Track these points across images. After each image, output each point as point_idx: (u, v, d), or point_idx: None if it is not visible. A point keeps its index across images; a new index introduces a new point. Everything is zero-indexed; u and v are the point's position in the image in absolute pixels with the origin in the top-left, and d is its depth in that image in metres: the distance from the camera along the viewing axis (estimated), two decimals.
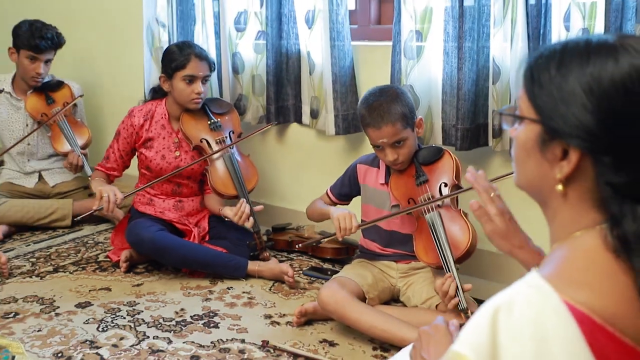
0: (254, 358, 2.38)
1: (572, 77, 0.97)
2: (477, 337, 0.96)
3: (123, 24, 4.15)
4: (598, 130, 0.95)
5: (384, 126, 2.48)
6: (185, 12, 3.56)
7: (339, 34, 3.11)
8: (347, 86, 3.17)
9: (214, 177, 3.20)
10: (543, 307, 0.93)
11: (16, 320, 2.71)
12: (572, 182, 1.01)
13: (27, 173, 3.97)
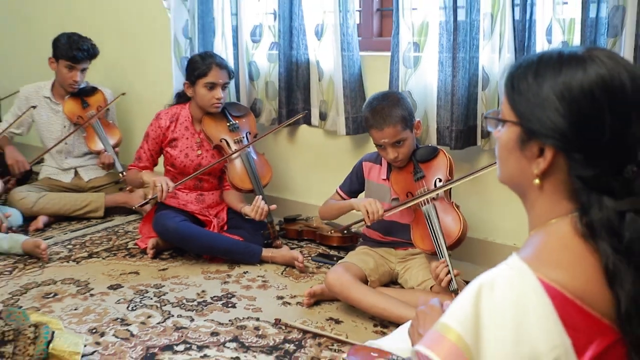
0: (268, 334, 2.40)
1: (546, 85, 1.01)
2: (462, 311, 0.99)
3: (150, 36, 4.16)
4: (569, 131, 0.98)
5: (386, 128, 2.51)
6: (206, 26, 3.58)
7: (349, 45, 3.13)
8: (356, 91, 3.19)
9: (232, 173, 3.22)
10: (521, 284, 0.96)
11: (55, 300, 2.74)
12: (547, 176, 1.04)
13: (65, 169, 3.99)
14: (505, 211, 2.86)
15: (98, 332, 2.44)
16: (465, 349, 0.96)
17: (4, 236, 3.28)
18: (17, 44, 5.19)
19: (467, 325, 0.97)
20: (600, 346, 0.94)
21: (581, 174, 0.99)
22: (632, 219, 0.96)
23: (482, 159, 2.93)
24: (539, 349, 0.92)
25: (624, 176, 0.98)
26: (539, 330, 0.93)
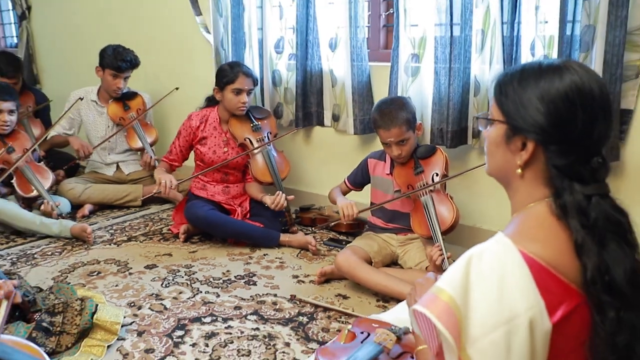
0: (284, 308, 2.42)
1: (529, 90, 1.06)
2: (454, 276, 1.03)
3: (183, 47, 4.18)
4: (548, 127, 1.04)
5: (392, 128, 2.52)
6: (237, 39, 3.59)
7: (358, 56, 3.15)
8: (363, 96, 3.19)
9: (254, 168, 3.24)
10: (505, 255, 1.00)
11: (99, 277, 2.77)
12: (528, 166, 1.09)
13: (108, 164, 4.01)
14: (490, 202, 2.88)
15: (136, 306, 2.47)
16: (455, 308, 0.99)
17: (54, 222, 3.32)
18: (68, 53, 5.23)
19: (457, 288, 1.01)
20: (569, 307, 0.98)
21: (556, 163, 1.04)
22: (596, 201, 1.02)
23: (472, 155, 2.93)
24: (517, 308, 0.96)
25: (591, 166, 1.03)
26: (518, 293, 0.97)
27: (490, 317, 0.97)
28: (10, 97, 3.41)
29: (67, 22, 5.16)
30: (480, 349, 0.97)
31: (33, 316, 2.13)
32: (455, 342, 0.98)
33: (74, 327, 2.10)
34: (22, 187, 3.42)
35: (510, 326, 0.96)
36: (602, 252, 1.00)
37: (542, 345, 0.98)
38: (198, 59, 4.06)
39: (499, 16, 2.61)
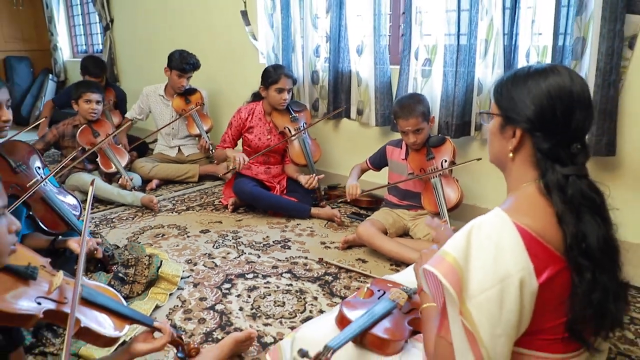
0: (313, 269, 2.40)
1: (519, 88, 1.07)
2: (458, 242, 1.03)
3: (234, 52, 4.16)
4: (534, 118, 1.05)
5: (410, 118, 2.48)
6: (286, 45, 3.56)
7: (380, 60, 3.09)
8: (384, 94, 3.14)
9: (291, 152, 3.23)
10: (501, 225, 1.01)
11: (163, 239, 2.79)
12: (518, 151, 1.10)
13: (171, 147, 4.03)
14: (488, 185, 2.83)
15: (192, 262, 2.48)
16: (458, 268, 1.00)
17: (128, 193, 3.35)
18: (142, 57, 5.27)
19: (460, 251, 1.01)
20: (553, 270, 0.99)
21: (540, 147, 1.05)
22: (573, 180, 1.03)
23: (473, 145, 2.86)
24: (510, 270, 0.97)
25: (571, 151, 1.04)
26: (511, 257, 0.97)
27: (487, 277, 0.97)
28: (98, 90, 3.44)
29: (142, 32, 5.19)
30: (477, 303, 0.97)
31: (111, 268, 2.16)
32: (458, 296, 0.98)
33: (143, 277, 2.12)
34: (104, 164, 3.45)
35: (503, 284, 0.96)
36: (578, 223, 1.01)
37: (530, 301, 0.98)
38: (246, 62, 4.04)
39: (500, 28, 2.53)
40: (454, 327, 1.01)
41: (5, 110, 1.82)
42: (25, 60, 6.75)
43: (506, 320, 0.97)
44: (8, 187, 1.94)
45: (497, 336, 0.97)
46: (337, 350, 1.23)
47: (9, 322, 1.08)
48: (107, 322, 1.33)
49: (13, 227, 1.07)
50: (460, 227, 1.04)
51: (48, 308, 1.16)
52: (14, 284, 1.15)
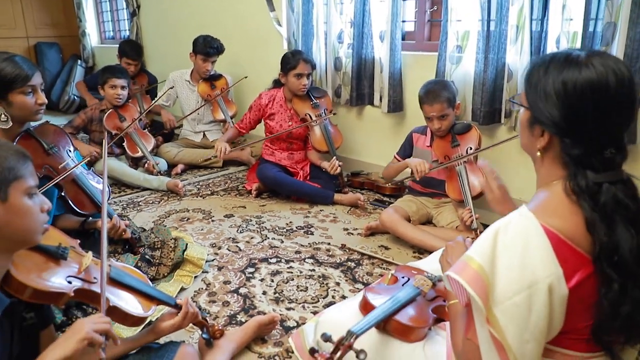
0: (336, 255, 2.40)
1: (550, 81, 0.97)
2: (483, 247, 0.99)
3: (259, 38, 4.14)
4: (562, 123, 0.96)
5: (435, 104, 2.43)
6: (307, 31, 3.52)
7: (395, 47, 3.05)
8: (397, 81, 3.11)
9: (313, 138, 3.21)
10: (528, 228, 0.96)
11: (188, 222, 2.81)
12: (546, 151, 1.03)
13: (196, 132, 4.05)
14: (515, 173, 2.75)
15: (216, 246, 2.50)
16: (483, 274, 0.96)
17: (154, 178, 3.38)
18: (168, 43, 5.29)
19: (486, 257, 0.97)
20: (583, 274, 0.94)
21: (570, 153, 0.97)
22: (607, 188, 0.95)
23: (502, 132, 2.79)
24: (538, 275, 0.92)
25: (604, 156, 0.95)
26: (539, 262, 0.92)
27: (514, 283, 0.94)
28: (122, 75, 3.47)
29: (168, 18, 5.21)
30: (504, 310, 0.94)
31: (139, 250, 2.19)
32: (483, 304, 0.95)
33: (169, 260, 2.14)
34: (131, 148, 3.49)
35: (531, 290, 0.92)
36: (610, 233, 0.93)
37: (560, 307, 0.94)
38: (270, 48, 4.01)
39: (529, 13, 2.47)
40: (481, 334, 0.98)
41: (40, 94, 1.87)
42: (54, 46, 6.84)
43: (534, 326, 0.93)
44: (41, 168, 1.98)
45: (525, 342, 0.94)
46: (360, 335, 1.22)
47: (41, 299, 1.10)
48: (135, 302, 1.35)
49: (45, 207, 1.09)
50: (483, 215, 1.02)
51: (78, 287, 1.18)
52: (46, 263, 1.17)
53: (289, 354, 1.68)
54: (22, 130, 1.95)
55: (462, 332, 1.08)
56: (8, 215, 1.02)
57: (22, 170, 1.04)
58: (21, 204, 1.04)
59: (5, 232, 1.02)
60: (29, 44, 6.81)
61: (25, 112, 1.85)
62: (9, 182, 1.01)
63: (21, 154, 1.06)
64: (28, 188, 1.05)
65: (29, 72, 1.81)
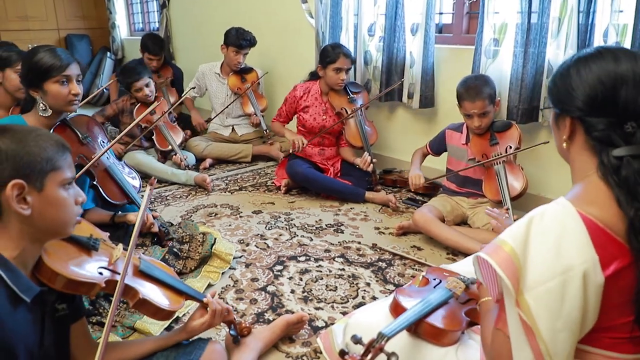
0: (366, 254, 2.41)
1: (564, 80, 1.03)
2: (517, 231, 1.00)
3: (293, 29, 4.16)
4: (581, 105, 1.01)
5: (477, 100, 2.41)
6: (335, 23, 3.52)
7: (429, 40, 3.04)
8: (429, 76, 3.09)
9: (347, 133, 3.22)
10: (564, 215, 0.97)
11: (215, 218, 2.85)
12: (572, 140, 1.06)
13: (225, 126, 4.10)
14: (554, 174, 2.73)
15: (244, 243, 2.53)
16: (515, 258, 0.97)
17: (182, 172, 3.45)
18: (198, 35, 5.37)
19: (519, 241, 0.98)
20: (621, 263, 0.94)
21: (591, 133, 1.01)
22: (627, 161, 0.97)
23: (541, 131, 2.75)
24: (573, 261, 0.93)
25: (624, 130, 0.98)
26: (574, 248, 0.93)
27: (547, 268, 0.94)
28: (141, 74, 3.47)
29: (197, 10, 5.29)
30: (536, 295, 0.94)
31: (167, 243, 2.24)
32: (514, 287, 0.96)
33: (196, 254, 2.19)
34: (160, 142, 3.57)
35: (565, 277, 0.93)
36: (636, 205, 0.95)
37: (595, 296, 0.94)
38: (302, 40, 4.03)
39: (575, 4, 2.41)
40: (511, 319, 0.99)
41: (75, 85, 1.94)
42: (85, 38, 7.03)
43: (568, 314, 0.93)
44: (75, 156, 2.06)
45: (557, 331, 0.94)
46: (391, 338, 1.23)
47: (73, 289, 1.15)
48: (163, 296, 1.38)
49: (79, 199, 1.13)
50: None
51: (109, 278, 1.22)
52: (78, 254, 1.22)
53: (317, 354, 1.70)
54: (59, 120, 2.03)
55: (491, 326, 1.09)
56: (43, 205, 1.05)
57: (60, 162, 1.08)
58: (56, 195, 1.07)
59: (39, 222, 1.06)
60: (60, 36, 7.02)
61: (59, 101, 1.92)
62: (46, 172, 1.05)
63: (61, 145, 1.10)
64: (64, 179, 1.09)
65: (65, 62, 1.89)
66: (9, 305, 1.02)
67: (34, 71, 1.88)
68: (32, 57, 1.89)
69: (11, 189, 1.01)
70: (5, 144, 1.02)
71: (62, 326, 1.21)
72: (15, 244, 1.05)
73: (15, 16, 6.68)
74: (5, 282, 1.02)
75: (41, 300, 1.11)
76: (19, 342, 1.05)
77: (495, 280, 1.02)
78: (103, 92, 6.23)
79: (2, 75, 2.58)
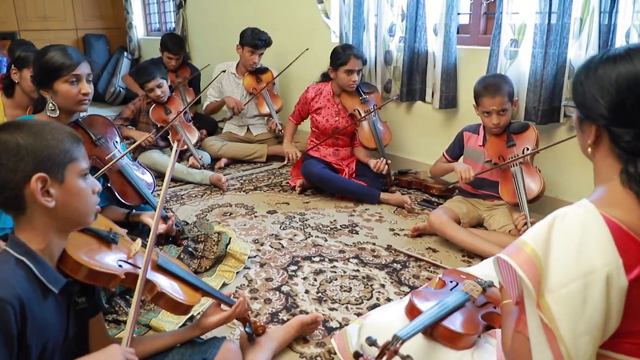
0: (381, 255, 2.40)
1: (590, 80, 1.00)
2: (538, 232, 0.98)
3: (306, 30, 4.17)
4: (607, 114, 0.97)
5: (497, 96, 2.38)
6: (357, 23, 3.51)
7: (450, 40, 3.02)
8: (450, 76, 3.08)
9: (361, 134, 3.21)
10: (586, 217, 0.95)
11: (230, 217, 2.86)
12: (597, 145, 1.03)
13: (240, 126, 4.11)
14: (573, 176, 2.68)
15: (259, 242, 2.54)
16: (537, 259, 0.95)
17: (197, 171, 3.47)
18: (214, 35, 5.40)
19: (540, 242, 0.96)
20: None
21: (617, 142, 0.98)
22: None
23: (560, 132, 2.71)
24: (595, 264, 0.91)
25: None
26: (597, 251, 0.92)
27: (569, 270, 0.92)
28: (154, 75, 3.50)
29: (214, 10, 5.32)
30: (557, 298, 0.93)
31: (182, 242, 2.25)
32: (535, 289, 0.94)
33: (211, 253, 2.20)
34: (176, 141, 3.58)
35: (587, 279, 0.91)
36: None
37: (618, 299, 0.92)
38: (318, 41, 4.03)
39: (597, 5, 2.38)
40: (531, 321, 0.97)
41: (85, 84, 1.92)
42: (102, 38, 7.11)
43: (589, 318, 0.92)
44: (89, 158, 2.05)
45: (579, 334, 0.93)
46: (406, 340, 1.23)
47: (94, 280, 1.17)
48: (181, 290, 1.40)
49: (96, 189, 1.16)
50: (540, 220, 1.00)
51: (129, 270, 1.24)
52: (99, 246, 1.24)
53: (331, 355, 1.70)
54: (71, 121, 2.03)
55: (512, 328, 1.07)
56: (65, 196, 1.08)
57: (76, 153, 1.11)
58: (76, 185, 1.10)
59: (62, 213, 1.08)
60: (78, 36, 7.11)
61: (68, 101, 1.92)
62: (65, 164, 1.08)
63: (75, 137, 1.12)
64: (82, 170, 1.12)
65: (75, 61, 1.88)
66: (39, 297, 1.05)
67: (44, 71, 1.88)
68: (43, 57, 1.88)
69: (35, 183, 1.03)
70: (23, 139, 1.03)
71: (82, 320, 1.23)
72: (41, 236, 1.08)
73: (35, 16, 6.78)
74: (35, 273, 1.05)
75: (67, 292, 1.13)
76: (48, 332, 1.08)
77: (516, 281, 1.01)
78: (120, 92, 6.30)
79: (19, 75, 2.60)
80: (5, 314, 0.95)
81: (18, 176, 1.02)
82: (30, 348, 1.02)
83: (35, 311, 1.02)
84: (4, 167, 1.02)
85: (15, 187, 1.03)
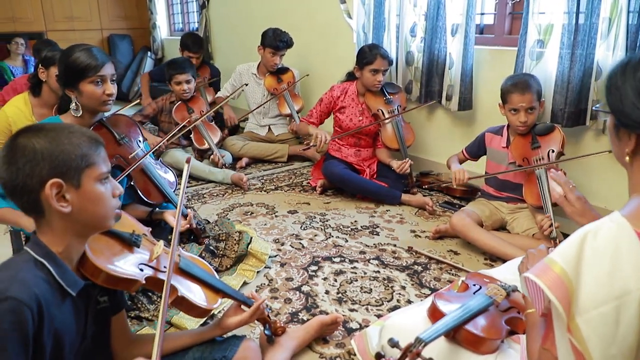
0: (402, 257, 2.38)
1: (628, 83, 0.94)
2: (568, 250, 0.93)
3: (328, 31, 4.16)
4: None
5: (526, 93, 2.35)
6: (378, 24, 3.50)
7: (469, 41, 2.99)
8: (468, 77, 3.04)
9: (384, 135, 3.20)
10: (620, 234, 0.90)
11: (251, 217, 2.87)
12: (635, 155, 0.98)
13: (262, 126, 4.14)
14: (600, 181, 2.61)
15: (279, 242, 2.54)
16: (567, 279, 0.91)
17: (219, 170, 3.49)
18: (236, 35, 5.43)
19: (570, 261, 0.91)
20: None
21: None
22: None
23: (588, 135, 2.65)
24: (629, 285, 0.86)
25: None
26: (631, 271, 0.86)
27: (601, 292, 0.88)
28: (185, 70, 3.53)
29: (236, 11, 5.35)
30: (588, 320, 0.88)
31: (203, 240, 2.26)
32: (565, 311, 0.90)
33: (232, 252, 2.20)
34: (198, 140, 3.62)
35: (620, 302, 0.86)
36: None
37: None
38: (340, 41, 4.03)
39: (625, 4, 2.33)
40: (561, 344, 0.94)
41: (109, 84, 1.94)
42: (126, 38, 7.21)
43: (622, 340, 0.88)
44: (112, 157, 2.08)
45: (611, 357, 0.89)
46: (428, 343, 1.21)
47: (114, 284, 1.17)
48: (201, 293, 1.40)
49: (117, 192, 1.15)
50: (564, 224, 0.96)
51: (149, 275, 1.24)
52: (120, 250, 1.24)
53: (350, 356, 1.69)
54: (95, 121, 2.05)
55: (538, 341, 1.04)
56: (81, 201, 1.07)
57: (94, 157, 1.09)
58: (94, 191, 1.09)
59: (79, 218, 1.08)
60: (103, 36, 7.22)
61: (93, 101, 1.93)
62: (81, 169, 1.07)
63: (94, 140, 1.11)
64: (100, 174, 1.10)
65: (100, 62, 1.89)
66: (57, 299, 1.05)
67: (69, 71, 1.89)
68: (69, 57, 1.89)
69: (50, 189, 1.02)
70: (39, 144, 1.03)
71: (104, 318, 1.24)
72: (60, 239, 1.08)
73: (62, 17, 6.91)
74: (54, 276, 1.05)
75: (86, 294, 1.14)
76: (65, 333, 1.08)
77: (541, 297, 0.97)
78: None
79: (47, 73, 2.64)
80: (22, 316, 0.95)
81: (34, 181, 1.02)
82: (45, 349, 1.02)
83: (53, 313, 1.03)
84: (21, 171, 1.02)
85: (32, 191, 1.03)
